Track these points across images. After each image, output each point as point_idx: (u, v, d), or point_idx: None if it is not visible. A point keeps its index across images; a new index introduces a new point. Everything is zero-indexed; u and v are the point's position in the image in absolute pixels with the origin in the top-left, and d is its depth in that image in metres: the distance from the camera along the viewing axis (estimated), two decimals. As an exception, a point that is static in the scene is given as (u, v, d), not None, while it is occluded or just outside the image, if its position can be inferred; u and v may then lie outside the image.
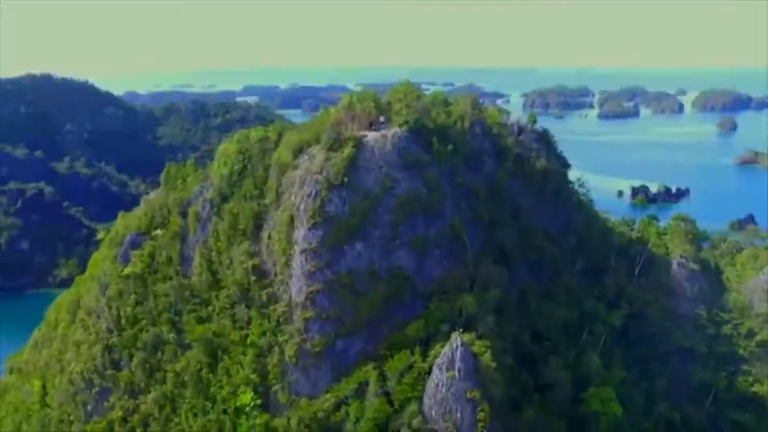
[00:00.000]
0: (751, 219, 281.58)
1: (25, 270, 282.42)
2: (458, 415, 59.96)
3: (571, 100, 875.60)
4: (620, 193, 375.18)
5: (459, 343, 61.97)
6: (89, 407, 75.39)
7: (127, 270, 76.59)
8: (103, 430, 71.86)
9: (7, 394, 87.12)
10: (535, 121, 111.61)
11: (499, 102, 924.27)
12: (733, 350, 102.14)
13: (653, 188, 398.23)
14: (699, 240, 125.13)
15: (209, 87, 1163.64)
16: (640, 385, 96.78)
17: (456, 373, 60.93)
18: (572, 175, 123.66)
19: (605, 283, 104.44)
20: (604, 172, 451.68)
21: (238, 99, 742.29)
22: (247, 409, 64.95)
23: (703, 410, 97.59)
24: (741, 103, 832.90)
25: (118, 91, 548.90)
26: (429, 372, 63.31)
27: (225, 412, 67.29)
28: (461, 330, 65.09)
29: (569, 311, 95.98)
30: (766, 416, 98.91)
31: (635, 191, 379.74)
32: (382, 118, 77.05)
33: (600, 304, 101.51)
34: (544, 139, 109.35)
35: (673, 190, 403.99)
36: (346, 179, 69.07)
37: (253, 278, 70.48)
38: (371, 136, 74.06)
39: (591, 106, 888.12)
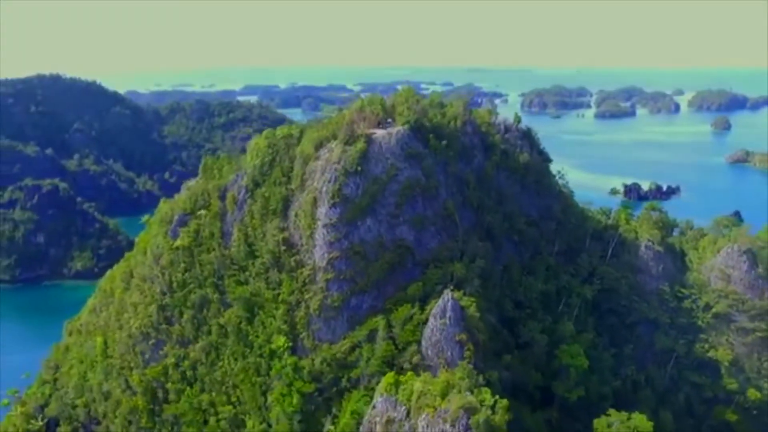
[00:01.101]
0: (737, 215, 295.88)
1: (41, 262, 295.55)
2: (449, 353, 76.47)
3: (568, 100, 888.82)
4: (613, 191, 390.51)
5: (450, 297, 78.61)
6: (146, 356, 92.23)
7: (177, 243, 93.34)
8: (159, 373, 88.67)
9: (69, 352, 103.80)
10: (519, 121, 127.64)
11: (497, 102, 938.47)
12: (692, 321, 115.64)
13: (645, 186, 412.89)
14: (668, 227, 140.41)
15: (209, 86, 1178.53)
16: (609, 350, 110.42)
17: (447, 320, 77.53)
18: (568, 172, 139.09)
19: (580, 261, 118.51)
20: (598, 170, 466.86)
21: (238, 98, 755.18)
22: (280, 351, 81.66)
23: (666, 373, 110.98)
24: (737, 104, 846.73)
25: (119, 90, 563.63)
26: (426, 322, 79.83)
27: (261, 355, 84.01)
28: (452, 288, 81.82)
29: (547, 284, 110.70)
30: (720, 378, 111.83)
31: (627, 189, 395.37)
32: (389, 120, 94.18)
33: (575, 279, 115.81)
34: (528, 136, 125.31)
35: (664, 187, 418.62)
36: (359, 168, 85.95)
37: (282, 248, 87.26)
38: (379, 133, 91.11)
39: (588, 105, 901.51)
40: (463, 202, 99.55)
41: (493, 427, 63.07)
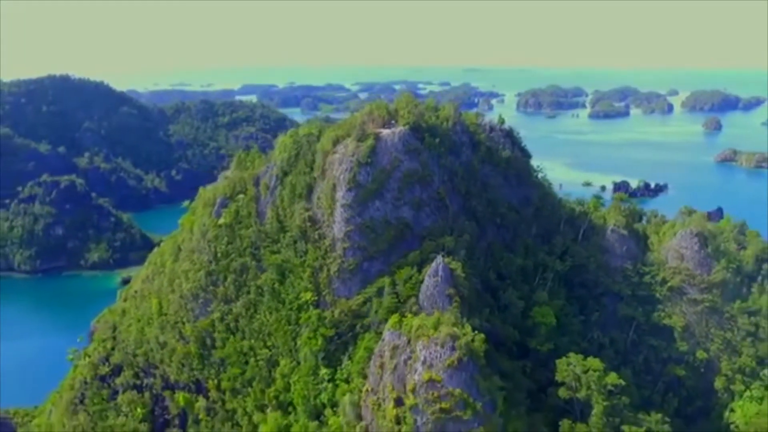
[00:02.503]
0: (720, 211, 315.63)
1: (60, 254, 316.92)
2: (440, 304, 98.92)
3: (564, 100, 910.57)
4: (603, 188, 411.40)
5: (441, 261, 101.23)
6: (196, 312, 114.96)
7: (220, 221, 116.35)
8: (207, 326, 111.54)
9: (125, 314, 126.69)
10: (503, 122, 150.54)
11: (494, 101, 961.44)
12: (650, 293, 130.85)
13: (633, 184, 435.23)
14: (635, 215, 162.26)
15: (207, 85, 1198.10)
16: (578, 317, 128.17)
17: (438, 279, 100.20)
18: (560, 170, 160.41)
19: (554, 242, 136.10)
20: (589, 169, 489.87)
21: (237, 97, 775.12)
22: (306, 305, 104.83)
23: (627, 337, 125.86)
24: (729, 104, 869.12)
25: (119, 89, 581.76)
26: (422, 281, 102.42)
27: (291, 309, 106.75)
28: (443, 255, 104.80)
29: (525, 260, 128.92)
30: (674, 341, 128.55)
31: (616, 186, 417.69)
32: (393, 121, 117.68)
33: (550, 257, 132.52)
34: (510, 135, 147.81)
35: (652, 185, 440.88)
36: (369, 160, 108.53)
37: (308, 224, 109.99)
38: (385, 132, 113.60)
39: (583, 105, 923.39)
40: (453, 189, 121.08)
41: (473, 350, 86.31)
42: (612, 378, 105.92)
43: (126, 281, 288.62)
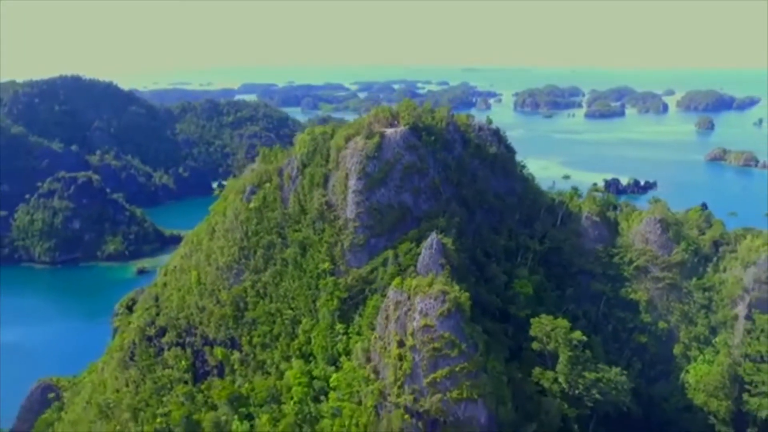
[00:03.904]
0: (704, 207, 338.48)
1: (77, 246, 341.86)
2: (434, 270, 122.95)
3: (560, 100, 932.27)
4: (595, 185, 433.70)
5: (435, 237, 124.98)
6: (231, 281, 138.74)
7: (251, 205, 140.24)
8: (240, 291, 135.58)
9: (168, 286, 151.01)
10: (491, 122, 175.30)
11: (491, 101, 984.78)
12: (619, 272, 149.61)
13: (624, 181, 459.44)
14: (608, 205, 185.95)
15: (207, 84, 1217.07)
16: (555, 292, 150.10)
17: (433, 251, 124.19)
18: (555, 168, 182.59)
19: (535, 227, 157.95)
20: (583, 167, 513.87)
21: (237, 96, 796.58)
22: (324, 273, 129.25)
23: (598, 309, 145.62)
24: (723, 104, 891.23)
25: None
26: (419, 253, 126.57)
27: (311, 277, 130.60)
28: (437, 233, 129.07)
29: (509, 242, 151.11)
30: (639, 314, 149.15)
31: (607, 183, 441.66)
32: (395, 122, 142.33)
33: (531, 240, 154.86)
34: (497, 134, 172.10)
35: (642, 182, 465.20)
36: (376, 154, 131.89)
37: (324, 207, 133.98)
38: (389, 131, 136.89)
39: (580, 105, 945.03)
40: (446, 179, 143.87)
41: (459, 302, 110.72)
42: (577, 334, 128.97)
43: (141, 271, 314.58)
